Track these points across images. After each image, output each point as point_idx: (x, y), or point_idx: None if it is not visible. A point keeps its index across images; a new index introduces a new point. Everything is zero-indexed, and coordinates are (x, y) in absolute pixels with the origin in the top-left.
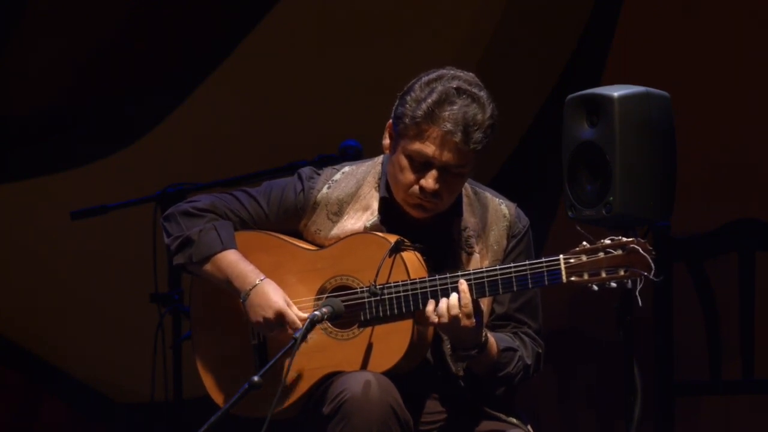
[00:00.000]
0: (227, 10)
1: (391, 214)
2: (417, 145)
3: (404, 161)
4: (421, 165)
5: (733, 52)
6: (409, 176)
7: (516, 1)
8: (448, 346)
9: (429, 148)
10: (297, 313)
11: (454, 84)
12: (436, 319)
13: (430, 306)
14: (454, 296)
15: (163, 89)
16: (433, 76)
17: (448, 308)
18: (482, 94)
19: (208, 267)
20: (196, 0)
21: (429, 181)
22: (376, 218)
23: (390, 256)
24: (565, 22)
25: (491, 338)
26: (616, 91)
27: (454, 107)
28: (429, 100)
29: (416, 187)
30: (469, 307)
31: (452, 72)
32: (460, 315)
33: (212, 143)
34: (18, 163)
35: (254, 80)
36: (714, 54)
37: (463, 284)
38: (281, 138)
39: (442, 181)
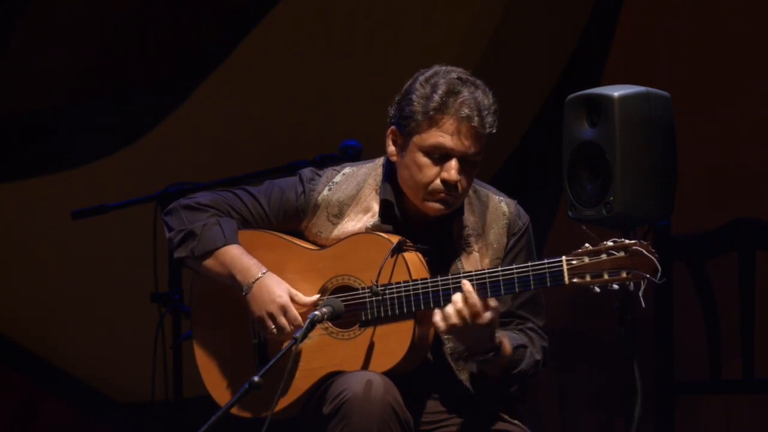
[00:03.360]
0: (227, 11)
1: (391, 216)
2: (435, 138)
3: (422, 159)
4: (440, 158)
5: (733, 52)
6: (429, 173)
7: (516, 1)
8: (449, 345)
9: (447, 139)
10: (302, 301)
11: (454, 75)
12: (443, 325)
13: (437, 315)
14: (458, 296)
15: (163, 89)
16: (429, 73)
17: (456, 310)
18: (479, 81)
19: (209, 261)
20: (196, 0)
21: (452, 172)
22: (376, 219)
23: (392, 257)
24: (565, 22)
25: (504, 339)
26: (616, 91)
27: (464, 94)
28: (439, 92)
29: (438, 182)
30: (477, 307)
31: (445, 67)
32: (467, 315)
33: (212, 143)
34: (18, 163)
35: (254, 80)
36: (714, 54)
37: (466, 284)
38: (281, 138)
39: (462, 172)
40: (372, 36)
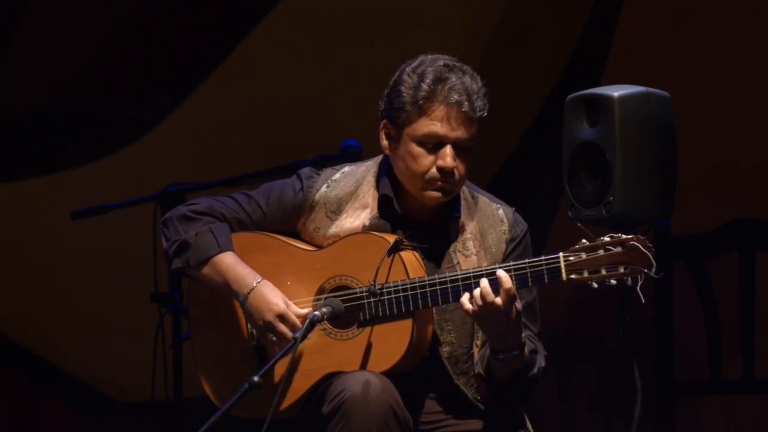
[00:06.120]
0: (227, 11)
1: (389, 213)
2: (427, 127)
3: (415, 149)
4: (434, 147)
5: (733, 51)
6: (424, 162)
7: (516, 1)
8: (446, 349)
9: (439, 126)
10: (296, 312)
11: (441, 62)
12: (470, 307)
13: (465, 296)
14: (484, 281)
15: (163, 89)
16: (415, 63)
17: (482, 295)
18: (467, 67)
19: (205, 270)
20: (196, 0)
21: (447, 159)
22: (375, 215)
23: (389, 256)
24: (565, 22)
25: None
26: (616, 91)
27: (452, 80)
28: (427, 80)
29: (434, 171)
30: (512, 291)
31: (431, 56)
32: (500, 302)
33: (212, 143)
34: (18, 163)
35: (254, 80)
36: (714, 54)
37: (500, 272)
38: (281, 138)
39: (457, 158)
40: (372, 36)
